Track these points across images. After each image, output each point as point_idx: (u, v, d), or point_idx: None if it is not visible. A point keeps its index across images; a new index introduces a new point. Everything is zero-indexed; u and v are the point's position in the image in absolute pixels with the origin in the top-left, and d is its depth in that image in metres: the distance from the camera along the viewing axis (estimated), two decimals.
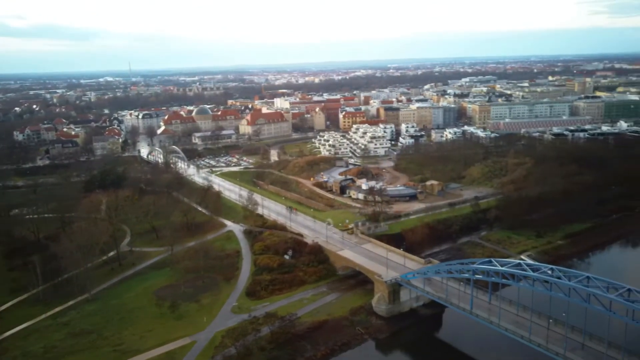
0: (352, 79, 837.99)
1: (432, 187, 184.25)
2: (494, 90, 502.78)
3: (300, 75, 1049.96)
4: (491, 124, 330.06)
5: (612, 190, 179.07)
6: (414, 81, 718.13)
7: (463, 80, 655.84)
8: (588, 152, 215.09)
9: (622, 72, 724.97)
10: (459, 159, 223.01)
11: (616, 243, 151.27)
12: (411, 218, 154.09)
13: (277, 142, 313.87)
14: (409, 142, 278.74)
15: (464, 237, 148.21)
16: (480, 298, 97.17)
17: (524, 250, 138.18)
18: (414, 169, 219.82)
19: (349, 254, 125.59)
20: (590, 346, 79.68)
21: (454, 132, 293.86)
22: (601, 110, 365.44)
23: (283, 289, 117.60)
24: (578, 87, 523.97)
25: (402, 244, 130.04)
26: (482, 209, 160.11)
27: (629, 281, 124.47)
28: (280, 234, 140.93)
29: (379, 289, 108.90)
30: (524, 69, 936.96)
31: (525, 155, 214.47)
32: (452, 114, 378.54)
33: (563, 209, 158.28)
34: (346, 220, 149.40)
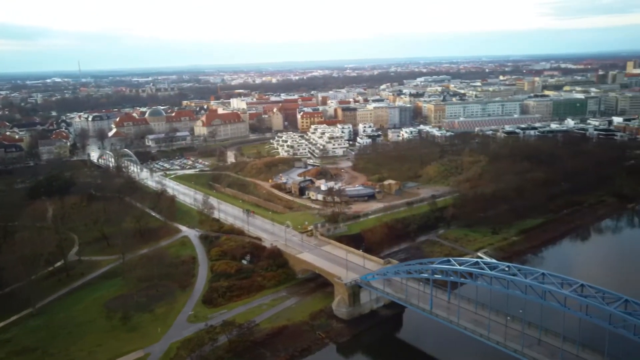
0: (309, 79, 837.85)
1: (389, 187, 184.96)
2: (448, 89, 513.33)
3: (257, 75, 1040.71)
4: (446, 123, 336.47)
5: (562, 186, 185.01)
6: (371, 81, 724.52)
7: (418, 80, 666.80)
8: (539, 149, 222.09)
9: (567, 71, 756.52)
10: (416, 158, 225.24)
11: (567, 237, 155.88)
12: (370, 218, 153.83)
13: (234, 144, 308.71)
14: (367, 142, 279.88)
15: (422, 236, 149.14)
16: (440, 297, 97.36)
17: (480, 247, 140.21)
18: (372, 169, 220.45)
19: (309, 257, 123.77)
20: (547, 341, 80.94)
21: (410, 131, 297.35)
22: (550, 109, 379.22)
23: (241, 295, 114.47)
24: (528, 86, 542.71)
25: (362, 244, 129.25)
26: (439, 207, 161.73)
27: (580, 274, 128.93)
28: (237, 239, 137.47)
29: (339, 292, 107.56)
30: (476, 69, 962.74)
31: (479, 154, 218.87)
32: (408, 114, 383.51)
33: (517, 206, 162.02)
34: (305, 222, 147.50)
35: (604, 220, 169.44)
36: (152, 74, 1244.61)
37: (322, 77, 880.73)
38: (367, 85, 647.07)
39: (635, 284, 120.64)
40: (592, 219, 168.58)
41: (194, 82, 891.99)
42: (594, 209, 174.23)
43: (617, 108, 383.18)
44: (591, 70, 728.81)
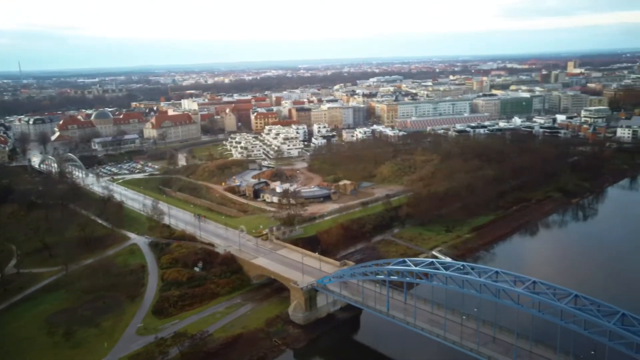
0: (263, 80, 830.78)
1: (345, 187, 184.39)
2: (400, 89, 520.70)
3: (209, 75, 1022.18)
4: (399, 122, 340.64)
5: (511, 183, 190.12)
6: (324, 81, 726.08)
7: (371, 80, 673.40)
8: (488, 147, 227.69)
9: (513, 71, 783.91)
10: (370, 157, 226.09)
11: (517, 233, 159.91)
12: (326, 219, 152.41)
13: (185, 146, 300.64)
14: (322, 143, 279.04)
15: (377, 236, 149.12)
16: (396, 298, 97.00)
17: (435, 245, 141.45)
18: (327, 169, 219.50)
19: (264, 262, 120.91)
20: (501, 339, 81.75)
21: (364, 131, 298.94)
22: (498, 107, 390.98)
23: (194, 304, 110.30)
24: (476, 85, 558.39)
25: (318, 247, 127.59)
26: (393, 206, 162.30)
27: (531, 269, 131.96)
28: (189, 245, 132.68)
29: (295, 297, 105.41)
30: (427, 69, 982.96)
31: (432, 152, 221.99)
32: (362, 114, 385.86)
33: (468, 203, 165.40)
34: (260, 226, 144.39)
35: (551, 216, 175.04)
36: (99, 74, 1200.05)
37: (276, 78, 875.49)
38: (320, 85, 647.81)
39: (581, 277, 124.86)
40: (540, 214, 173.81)
41: (143, 82, 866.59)
42: (542, 205, 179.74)
43: (560, 106, 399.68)
44: (535, 70, 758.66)
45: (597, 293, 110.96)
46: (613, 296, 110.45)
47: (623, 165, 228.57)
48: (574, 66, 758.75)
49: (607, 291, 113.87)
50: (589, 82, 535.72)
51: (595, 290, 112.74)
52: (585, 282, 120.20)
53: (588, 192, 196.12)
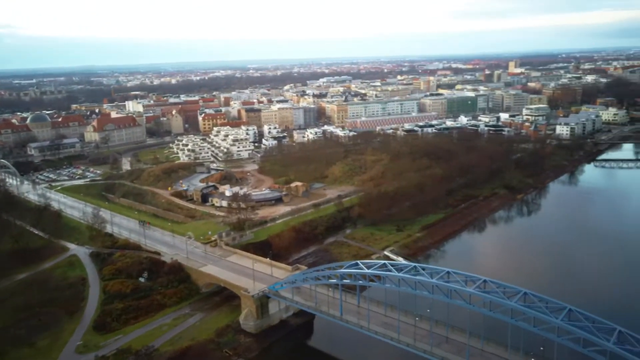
0: (211, 80, 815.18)
1: (296, 189, 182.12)
2: (349, 89, 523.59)
3: (155, 76, 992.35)
4: (349, 122, 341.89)
5: (458, 181, 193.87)
6: (274, 82, 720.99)
7: (321, 81, 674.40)
8: (436, 146, 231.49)
9: (458, 71, 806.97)
10: (321, 158, 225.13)
11: (466, 230, 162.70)
12: (277, 223, 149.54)
13: (130, 149, 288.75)
14: (272, 144, 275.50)
15: (330, 237, 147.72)
16: (349, 302, 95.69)
17: (387, 245, 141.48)
18: (278, 171, 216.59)
19: (213, 269, 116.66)
20: (454, 338, 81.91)
21: (315, 132, 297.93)
22: (444, 107, 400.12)
23: (139, 317, 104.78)
24: (423, 85, 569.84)
25: (269, 251, 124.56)
26: (345, 207, 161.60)
27: (480, 265, 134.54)
28: (133, 254, 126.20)
29: (246, 304, 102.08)
30: (375, 69, 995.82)
31: (381, 152, 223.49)
32: (312, 114, 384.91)
33: (418, 202, 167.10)
34: (209, 232, 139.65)
35: (497, 212, 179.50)
36: (37, 75, 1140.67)
37: (225, 78, 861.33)
38: (270, 85, 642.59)
39: (528, 271, 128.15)
40: (487, 211, 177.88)
41: (85, 84, 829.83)
42: (489, 202, 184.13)
43: (503, 105, 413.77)
44: (479, 70, 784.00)
45: (544, 287, 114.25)
46: (559, 290, 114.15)
47: (563, 161, 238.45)
48: (515, 66, 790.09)
49: (553, 285, 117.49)
50: (529, 81, 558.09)
51: (542, 285, 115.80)
52: (532, 276, 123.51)
53: (531, 187, 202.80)
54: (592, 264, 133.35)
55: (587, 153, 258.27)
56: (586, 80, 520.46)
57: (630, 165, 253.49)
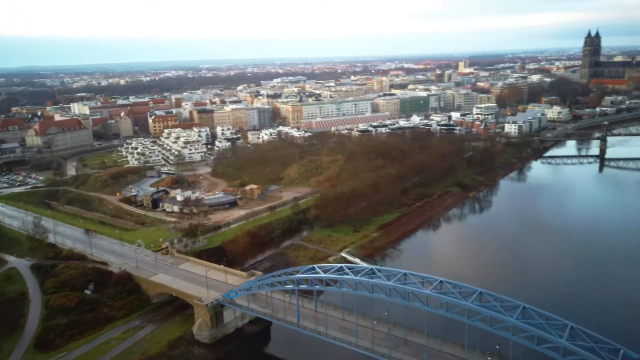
0: (161, 80, 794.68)
1: (252, 192, 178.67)
2: (304, 90, 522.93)
3: (103, 76, 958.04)
4: (304, 123, 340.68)
5: (413, 180, 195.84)
6: (227, 82, 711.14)
7: (275, 81, 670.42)
8: (390, 146, 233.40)
9: (410, 71, 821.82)
10: (277, 159, 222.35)
11: (421, 229, 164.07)
12: (232, 227, 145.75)
13: (75, 154, 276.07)
14: (226, 146, 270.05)
15: (286, 241, 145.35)
16: (307, 307, 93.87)
17: (344, 246, 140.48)
18: (232, 174, 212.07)
19: (164, 278, 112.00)
20: (412, 340, 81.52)
21: (270, 133, 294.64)
22: (397, 106, 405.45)
23: (85, 332, 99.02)
24: (377, 85, 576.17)
25: (223, 258, 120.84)
26: (302, 209, 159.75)
27: (435, 263, 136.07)
28: (78, 265, 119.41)
29: (200, 314, 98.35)
30: (329, 69, 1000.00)
31: (337, 153, 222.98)
32: (267, 115, 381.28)
33: (374, 202, 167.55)
34: (160, 239, 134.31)
35: (451, 210, 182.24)
36: None
37: (176, 78, 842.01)
38: (223, 86, 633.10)
39: (483, 268, 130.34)
40: (441, 209, 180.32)
41: (26, 85, 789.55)
42: (442, 200, 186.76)
43: (454, 104, 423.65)
44: (430, 70, 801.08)
45: (499, 283, 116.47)
46: (513, 285, 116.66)
47: (512, 159, 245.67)
48: (464, 66, 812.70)
49: (507, 281, 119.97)
50: (478, 81, 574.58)
51: (496, 281, 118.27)
52: (487, 273, 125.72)
53: (483, 185, 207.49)
54: (543, 258, 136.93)
55: (534, 150, 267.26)
56: (531, 79, 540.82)
57: (573, 161, 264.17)
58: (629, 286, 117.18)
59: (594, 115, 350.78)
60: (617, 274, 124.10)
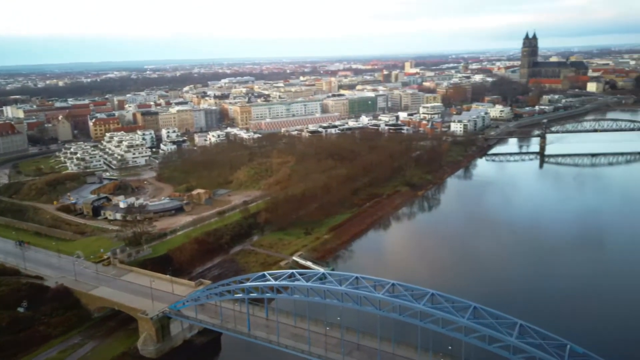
0: (103, 82, 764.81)
1: (199, 196, 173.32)
2: (252, 90, 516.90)
3: (39, 78, 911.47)
4: (253, 124, 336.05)
5: (363, 180, 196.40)
6: (173, 83, 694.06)
7: (223, 82, 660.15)
8: (340, 146, 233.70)
9: (358, 71, 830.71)
10: (225, 162, 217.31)
11: (372, 229, 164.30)
12: (178, 235, 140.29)
13: (8, 160, 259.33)
14: (172, 149, 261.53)
15: (237, 246, 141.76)
16: (257, 315, 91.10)
17: (295, 250, 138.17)
18: (178, 178, 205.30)
19: (106, 291, 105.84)
20: (365, 345, 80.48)
21: (218, 134, 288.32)
22: (346, 107, 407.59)
23: (18, 353, 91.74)
24: (325, 86, 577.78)
25: (169, 267, 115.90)
26: (252, 213, 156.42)
27: (387, 263, 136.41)
28: (10, 281, 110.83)
29: (144, 328, 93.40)
30: (278, 70, 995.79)
31: (287, 154, 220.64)
32: (215, 116, 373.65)
33: (325, 203, 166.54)
34: (101, 249, 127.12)
35: (401, 209, 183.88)
36: None
37: (119, 79, 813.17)
38: (169, 87, 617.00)
39: (432, 266, 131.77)
40: (391, 208, 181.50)
41: None
42: (392, 199, 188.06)
43: (401, 104, 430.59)
44: (377, 70, 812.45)
45: (450, 282, 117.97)
46: (464, 282, 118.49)
47: (458, 157, 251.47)
48: (411, 66, 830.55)
49: (457, 279, 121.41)
50: (424, 81, 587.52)
51: (447, 280, 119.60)
52: (438, 272, 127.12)
53: (431, 183, 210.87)
54: (491, 254, 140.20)
55: (479, 148, 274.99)
56: (474, 79, 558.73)
57: (516, 158, 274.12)
58: (571, 279, 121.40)
59: (533, 114, 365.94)
60: (560, 267, 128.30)
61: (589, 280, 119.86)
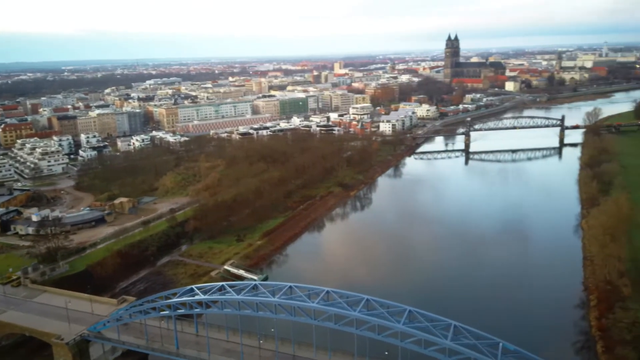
0: (15, 84, 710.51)
1: (122, 205, 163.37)
2: (179, 92, 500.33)
3: None
4: (180, 127, 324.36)
5: (296, 182, 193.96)
6: (94, 85, 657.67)
7: (147, 83, 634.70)
8: (272, 148, 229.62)
9: (288, 72, 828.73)
10: (150, 168, 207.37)
11: (306, 232, 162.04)
12: (99, 248, 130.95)
13: None
14: (92, 155, 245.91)
15: (164, 257, 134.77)
16: (187, 332, 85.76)
17: (227, 259, 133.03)
18: (100, 186, 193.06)
19: (15, 316, 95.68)
20: (301, 355, 77.81)
21: (142, 139, 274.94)
22: (277, 108, 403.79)
23: None
24: (255, 87, 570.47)
25: (88, 285, 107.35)
26: (179, 221, 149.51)
27: (322, 267, 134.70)
28: None
29: (60, 354, 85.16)
30: (206, 70, 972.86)
31: (217, 158, 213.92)
32: (139, 119, 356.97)
33: (257, 208, 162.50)
34: (10, 269, 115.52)
35: (334, 210, 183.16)
36: None
37: (33, 81, 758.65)
38: (89, 89, 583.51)
39: (367, 268, 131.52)
40: (325, 210, 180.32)
41: None
42: (325, 201, 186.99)
43: (332, 105, 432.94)
44: (307, 71, 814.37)
45: (384, 284, 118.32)
46: (398, 281, 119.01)
47: (388, 156, 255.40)
48: (340, 67, 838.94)
49: (392, 280, 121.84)
50: (353, 81, 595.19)
51: (382, 281, 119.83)
52: (372, 273, 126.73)
53: (363, 183, 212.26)
54: (424, 251, 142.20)
55: (407, 147, 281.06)
56: (401, 79, 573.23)
57: (442, 155, 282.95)
58: (497, 270, 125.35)
59: (457, 112, 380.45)
60: (489, 260, 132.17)
61: (514, 271, 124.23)
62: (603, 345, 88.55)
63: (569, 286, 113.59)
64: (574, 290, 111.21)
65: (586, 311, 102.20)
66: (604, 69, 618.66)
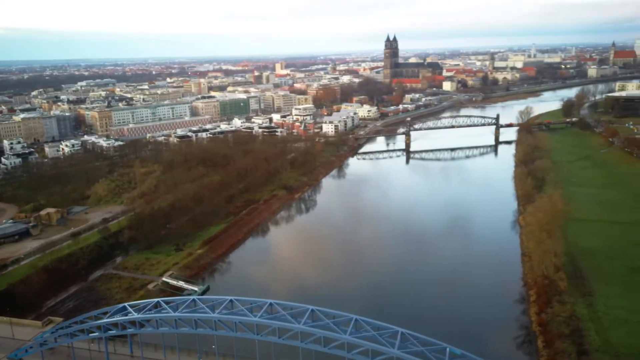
0: None
1: (49, 216, 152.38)
2: (113, 94, 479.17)
3: None
4: (114, 130, 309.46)
5: (238, 186, 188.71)
6: (19, 87, 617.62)
7: (79, 85, 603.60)
8: (212, 152, 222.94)
9: (228, 72, 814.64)
10: (81, 175, 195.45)
11: (250, 237, 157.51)
12: (22, 264, 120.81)
13: None
14: (16, 163, 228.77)
15: (96, 271, 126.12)
16: (120, 353, 79.83)
17: (165, 269, 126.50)
18: (24, 196, 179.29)
19: None
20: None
21: (73, 144, 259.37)
22: (217, 109, 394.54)
23: None
24: (194, 87, 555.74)
25: (8, 306, 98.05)
26: (113, 232, 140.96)
27: (266, 271, 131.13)
28: None
29: None
30: (142, 71, 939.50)
31: (153, 163, 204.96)
32: (69, 123, 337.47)
33: (197, 214, 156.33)
34: None
35: (279, 214, 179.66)
36: None
37: None
38: (14, 92, 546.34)
39: (313, 274, 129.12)
40: (269, 214, 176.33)
41: None
42: (269, 204, 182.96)
43: (274, 106, 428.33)
44: (248, 71, 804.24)
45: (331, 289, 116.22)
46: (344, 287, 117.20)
47: (331, 157, 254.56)
48: (281, 68, 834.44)
49: (338, 285, 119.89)
50: (295, 82, 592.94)
51: (328, 286, 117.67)
52: (318, 278, 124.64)
53: (307, 185, 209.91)
54: (369, 252, 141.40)
55: (350, 148, 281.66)
56: (343, 80, 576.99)
57: (384, 155, 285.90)
58: (441, 269, 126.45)
59: (398, 112, 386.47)
60: (433, 260, 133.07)
61: (457, 269, 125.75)
62: (543, 340, 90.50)
63: (509, 282, 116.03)
64: (515, 286, 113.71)
65: (526, 306, 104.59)
66: (533, 69, 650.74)
